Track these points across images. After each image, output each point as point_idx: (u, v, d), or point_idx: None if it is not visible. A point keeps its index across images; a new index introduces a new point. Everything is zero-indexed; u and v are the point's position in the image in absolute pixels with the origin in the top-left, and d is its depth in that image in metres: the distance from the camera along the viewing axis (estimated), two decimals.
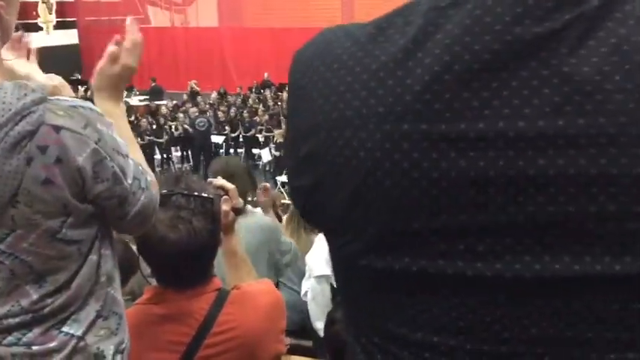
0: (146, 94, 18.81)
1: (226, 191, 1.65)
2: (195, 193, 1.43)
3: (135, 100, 17.91)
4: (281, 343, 1.57)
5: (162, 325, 1.44)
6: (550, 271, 0.50)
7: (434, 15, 0.54)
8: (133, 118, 15.83)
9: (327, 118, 0.58)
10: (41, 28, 22.72)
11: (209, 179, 1.71)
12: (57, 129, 0.96)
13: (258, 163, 13.78)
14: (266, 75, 18.81)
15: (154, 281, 1.52)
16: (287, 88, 0.66)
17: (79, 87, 19.58)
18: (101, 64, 1.34)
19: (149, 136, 14.01)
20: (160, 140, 14.37)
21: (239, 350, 1.45)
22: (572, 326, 0.52)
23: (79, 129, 0.98)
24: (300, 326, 3.02)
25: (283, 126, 13.19)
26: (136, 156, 1.22)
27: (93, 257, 1.10)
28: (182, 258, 1.39)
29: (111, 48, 1.33)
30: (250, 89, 18.09)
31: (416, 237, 0.54)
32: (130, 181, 1.09)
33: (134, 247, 1.69)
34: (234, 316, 1.46)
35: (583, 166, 0.49)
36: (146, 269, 1.56)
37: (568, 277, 0.50)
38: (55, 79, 2.25)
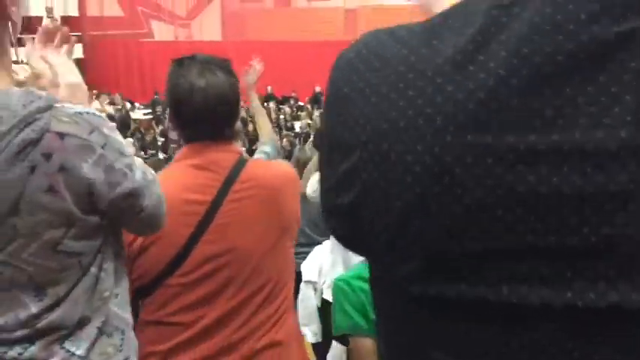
0: (148, 107, 18.85)
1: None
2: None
3: (138, 114, 17.92)
4: (297, 208, 1.77)
5: (192, 173, 1.61)
6: (629, 302, 0.45)
7: (496, 13, 0.48)
8: (137, 133, 15.92)
9: (375, 129, 0.51)
10: None
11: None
12: (62, 136, 0.95)
13: None
14: (269, 89, 18.87)
15: None
16: (325, 99, 0.60)
17: None
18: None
19: (152, 149, 13.98)
20: (167, 155, 14.33)
21: (260, 198, 1.64)
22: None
23: (85, 135, 0.97)
24: None
25: (285, 140, 13.20)
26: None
27: (93, 270, 1.08)
28: (209, 104, 1.56)
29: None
30: None
31: (475, 261, 0.48)
32: (139, 176, 1.10)
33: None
34: (255, 173, 1.66)
35: None
36: None
37: None
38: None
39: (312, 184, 3.69)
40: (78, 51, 23.72)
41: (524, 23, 0.47)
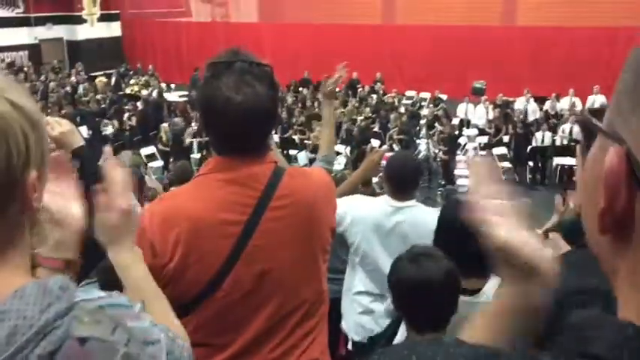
0: (184, 89, 18.90)
1: None
2: (256, 61, 1.49)
3: (174, 96, 17.94)
4: (333, 219, 1.70)
5: (225, 189, 1.50)
6: None
7: None
8: (172, 116, 15.90)
9: None
10: (85, 21, 23.16)
11: None
12: (83, 341, 0.86)
13: (294, 165, 13.69)
14: (306, 73, 18.75)
15: None
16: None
17: (123, 80, 19.92)
18: (98, 216, 1.23)
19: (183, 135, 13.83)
20: (200, 139, 14.34)
21: (298, 216, 1.55)
22: None
23: (107, 336, 0.90)
24: None
25: (317, 128, 13.08)
26: (160, 307, 1.18)
27: None
28: (246, 120, 1.44)
29: (99, 198, 1.21)
30: (288, 87, 18.01)
31: None
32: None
33: None
34: (292, 186, 1.55)
35: None
36: None
37: None
38: (64, 125, 2.18)
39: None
40: (116, 29, 23.98)
41: None
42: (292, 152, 13.94)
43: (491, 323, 0.85)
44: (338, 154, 13.32)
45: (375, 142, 13.15)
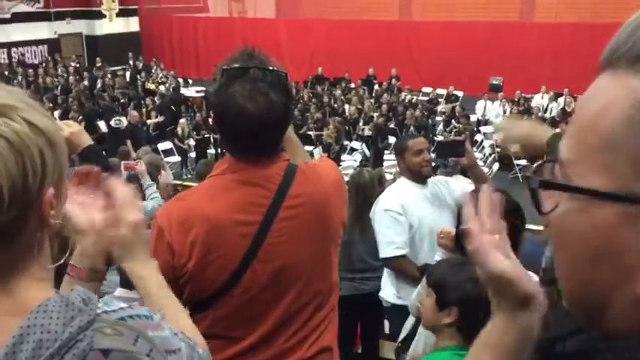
0: (202, 85, 18.96)
1: None
2: (270, 67, 1.47)
3: (191, 91, 17.99)
4: (344, 212, 1.73)
5: (240, 190, 1.52)
6: None
7: None
8: (189, 111, 15.91)
9: None
10: (104, 16, 23.32)
11: None
12: (106, 353, 0.88)
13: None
14: (320, 70, 18.73)
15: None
16: None
17: (138, 75, 20.03)
18: (109, 233, 1.22)
19: (205, 130, 13.94)
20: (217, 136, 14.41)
21: (312, 213, 1.58)
22: None
23: (130, 346, 0.91)
24: None
25: (331, 126, 13.02)
26: (178, 316, 1.19)
27: None
28: (259, 129, 1.46)
29: (103, 216, 1.19)
30: (305, 83, 18.02)
31: None
32: None
33: None
34: (306, 184, 1.57)
35: None
36: None
37: None
38: (73, 126, 2.27)
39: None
40: (134, 24, 24.12)
41: None
42: (308, 148, 13.95)
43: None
44: (353, 150, 13.33)
45: (391, 139, 13.13)
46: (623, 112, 0.49)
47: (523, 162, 11.94)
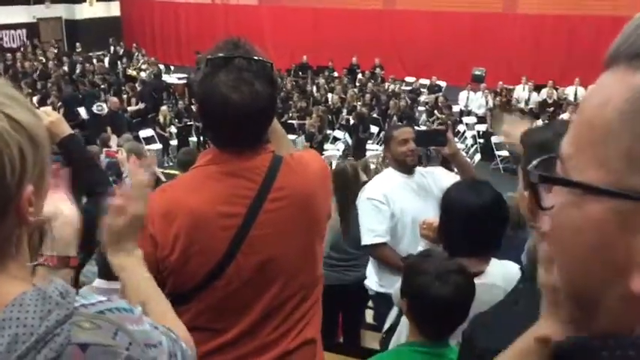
0: (183, 71, 18.77)
1: None
2: (256, 57, 1.45)
3: (173, 78, 17.80)
4: (329, 204, 1.73)
5: (224, 181, 1.51)
6: None
7: None
8: (170, 98, 15.79)
9: None
10: (85, 0, 22.96)
11: None
12: (84, 348, 0.86)
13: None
14: (305, 58, 18.64)
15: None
16: None
17: (119, 61, 19.78)
18: (108, 219, 1.26)
19: (187, 117, 13.85)
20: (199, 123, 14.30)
21: (296, 206, 1.56)
22: None
23: (108, 340, 0.89)
24: None
25: (314, 115, 12.98)
26: (161, 309, 1.19)
27: None
28: (243, 119, 1.44)
29: (115, 201, 1.26)
30: (288, 72, 17.91)
31: None
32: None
33: None
34: (291, 176, 1.56)
35: None
36: None
37: None
38: (52, 115, 2.26)
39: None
40: (115, 8, 23.78)
41: None
42: (291, 137, 13.86)
43: None
44: (336, 139, 13.31)
45: (374, 129, 13.13)
46: (618, 107, 0.49)
47: (504, 153, 12.03)
